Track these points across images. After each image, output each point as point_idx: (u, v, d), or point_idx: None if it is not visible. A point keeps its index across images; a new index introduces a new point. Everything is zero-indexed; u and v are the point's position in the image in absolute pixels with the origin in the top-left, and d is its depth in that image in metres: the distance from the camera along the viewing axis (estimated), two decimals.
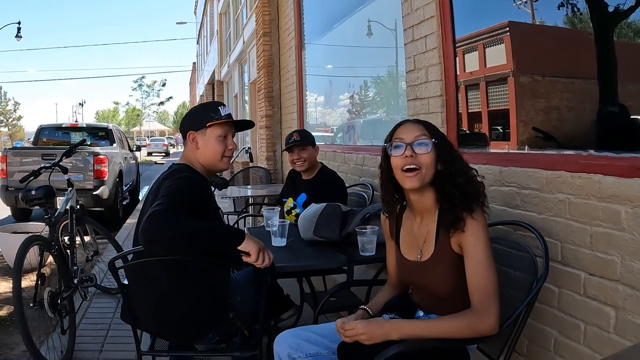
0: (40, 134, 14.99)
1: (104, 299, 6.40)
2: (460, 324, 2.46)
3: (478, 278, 2.52)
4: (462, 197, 2.65)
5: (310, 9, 9.38)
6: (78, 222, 5.91)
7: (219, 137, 3.46)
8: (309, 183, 5.16)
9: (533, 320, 3.13)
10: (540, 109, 3.70)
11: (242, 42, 17.19)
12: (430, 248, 2.77)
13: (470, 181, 2.73)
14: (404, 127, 2.79)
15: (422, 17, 4.46)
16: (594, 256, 2.79)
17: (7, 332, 5.54)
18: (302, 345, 2.87)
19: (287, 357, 2.86)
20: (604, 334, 2.73)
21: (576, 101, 3.41)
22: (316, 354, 2.86)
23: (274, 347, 2.96)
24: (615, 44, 3.07)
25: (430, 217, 2.82)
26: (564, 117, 3.50)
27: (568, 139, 3.37)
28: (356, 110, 7.90)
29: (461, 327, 2.46)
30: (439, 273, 2.72)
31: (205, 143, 3.45)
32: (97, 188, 11.90)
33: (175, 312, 3.25)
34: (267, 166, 10.93)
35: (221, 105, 3.59)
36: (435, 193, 2.76)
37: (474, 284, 2.52)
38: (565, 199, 2.97)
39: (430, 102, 4.40)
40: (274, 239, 4.05)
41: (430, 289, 2.82)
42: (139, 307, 3.33)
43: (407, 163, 2.68)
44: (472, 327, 2.45)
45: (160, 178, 3.35)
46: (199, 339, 3.44)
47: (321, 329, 2.99)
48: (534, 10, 3.67)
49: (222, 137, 3.48)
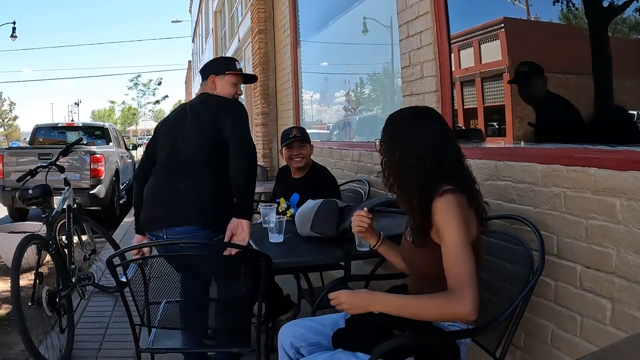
0: (36, 134, 14.98)
1: (102, 298, 6.40)
2: (434, 304, 2.44)
3: (450, 263, 2.49)
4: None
5: (305, 6, 9.39)
6: (75, 221, 5.91)
7: (232, 83, 4.17)
8: (301, 181, 5.13)
9: (530, 313, 3.14)
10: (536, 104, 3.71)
11: (237, 40, 17.20)
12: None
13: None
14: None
15: (417, 13, 4.47)
16: (589, 249, 2.81)
17: (6, 331, 5.54)
18: (304, 335, 2.92)
19: (290, 347, 2.91)
20: (600, 326, 2.75)
21: (571, 97, 3.42)
22: (317, 343, 2.90)
23: (278, 338, 3.01)
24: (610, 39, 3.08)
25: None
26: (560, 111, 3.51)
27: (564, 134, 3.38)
28: (352, 107, 7.91)
29: (434, 307, 2.44)
30: (423, 255, 2.71)
31: (222, 86, 4.14)
32: (93, 187, 11.85)
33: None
34: (264, 164, 10.93)
35: (237, 61, 4.31)
36: None
37: (447, 269, 2.49)
38: (561, 193, 2.99)
39: (426, 97, 4.42)
40: (271, 236, 4.06)
41: (417, 271, 2.85)
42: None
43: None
44: (445, 308, 2.42)
45: (211, 104, 3.98)
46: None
47: (323, 319, 3.03)
48: (528, 6, 3.68)
49: (234, 84, 4.19)
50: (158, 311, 3.56)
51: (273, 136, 11.13)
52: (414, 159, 2.63)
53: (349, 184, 5.95)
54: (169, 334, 3.73)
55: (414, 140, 2.66)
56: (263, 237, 4.15)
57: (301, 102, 9.73)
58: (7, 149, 13.33)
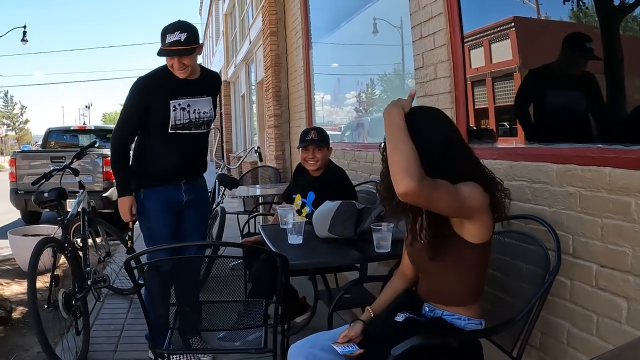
0: (48, 137, 15.09)
1: (117, 300, 6.45)
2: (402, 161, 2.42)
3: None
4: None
5: (316, 8, 9.38)
6: (90, 223, 5.95)
7: (168, 61, 4.39)
8: (317, 180, 5.10)
9: (546, 313, 3.14)
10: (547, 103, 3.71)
11: (248, 42, 17.23)
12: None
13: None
14: None
15: (430, 14, 4.47)
16: (605, 248, 2.81)
17: (21, 333, 5.58)
18: (317, 356, 2.82)
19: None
20: (616, 325, 2.75)
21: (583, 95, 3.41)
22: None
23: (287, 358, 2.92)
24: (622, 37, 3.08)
25: None
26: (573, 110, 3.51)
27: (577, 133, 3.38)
28: (364, 108, 7.91)
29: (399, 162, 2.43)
30: (440, 256, 2.68)
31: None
32: (106, 190, 11.90)
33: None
34: (276, 165, 10.91)
35: (170, 33, 4.29)
36: None
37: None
38: (576, 192, 2.99)
39: (440, 98, 4.42)
40: (290, 237, 4.05)
41: (433, 273, 2.80)
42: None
43: None
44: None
45: None
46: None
47: (335, 335, 2.91)
48: (539, 5, 3.68)
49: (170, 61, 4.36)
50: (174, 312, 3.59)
51: (285, 138, 11.12)
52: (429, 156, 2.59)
53: (363, 185, 5.95)
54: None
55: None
56: (282, 238, 4.16)
57: (313, 103, 9.72)
58: (19, 152, 13.41)
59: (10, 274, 8.08)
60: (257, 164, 11.60)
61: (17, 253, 8.25)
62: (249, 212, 8.24)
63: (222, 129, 28.38)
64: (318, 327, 3.76)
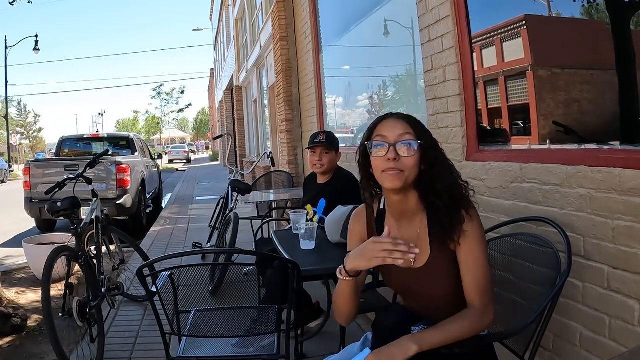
0: (62, 145, 15.17)
1: (132, 307, 6.47)
2: (467, 325, 2.40)
3: (480, 280, 2.46)
4: (451, 201, 2.53)
5: (326, 12, 9.40)
6: (103, 231, 5.98)
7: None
8: (325, 186, 5.12)
9: (558, 315, 3.13)
10: (560, 102, 3.70)
11: (259, 47, 17.24)
12: (425, 253, 2.58)
13: (455, 183, 2.58)
14: (387, 124, 2.60)
15: (438, 17, 4.47)
16: (616, 250, 2.79)
17: (37, 342, 5.61)
18: None
19: None
20: (628, 327, 2.73)
21: (596, 93, 3.40)
22: None
23: None
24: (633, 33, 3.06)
25: (417, 219, 2.65)
26: (585, 109, 3.50)
27: (589, 132, 3.37)
28: (376, 110, 7.90)
29: (469, 328, 2.40)
30: (436, 278, 2.58)
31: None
32: (120, 197, 12.00)
33: None
34: (289, 170, 10.92)
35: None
36: (419, 194, 2.61)
37: (475, 285, 2.47)
38: (586, 194, 2.98)
39: (449, 101, 4.41)
40: (303, 242, 4.07)
41: (425, 294, 2.65)
42: None
43: (388, 167, 2.49)
44: (477, 326, 2.41)
45: None
46: None
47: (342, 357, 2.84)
48: (549, 2, 3.67)
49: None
50: (188, 319, 3.60)
51: (298, 142, 11.13)
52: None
53: None
54: (199, 342, 3.75)
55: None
56: (295, 244, 4.16)
57: (325, 106, 9.74)
58: (33, 161, 13.49)
59: (25, 282, 8.12)
60: (270, 169, 11.61)
61: (32, 261, 8.30)
62: (263, 217, 8.24)
63: (235, 134, 28.46)
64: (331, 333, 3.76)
